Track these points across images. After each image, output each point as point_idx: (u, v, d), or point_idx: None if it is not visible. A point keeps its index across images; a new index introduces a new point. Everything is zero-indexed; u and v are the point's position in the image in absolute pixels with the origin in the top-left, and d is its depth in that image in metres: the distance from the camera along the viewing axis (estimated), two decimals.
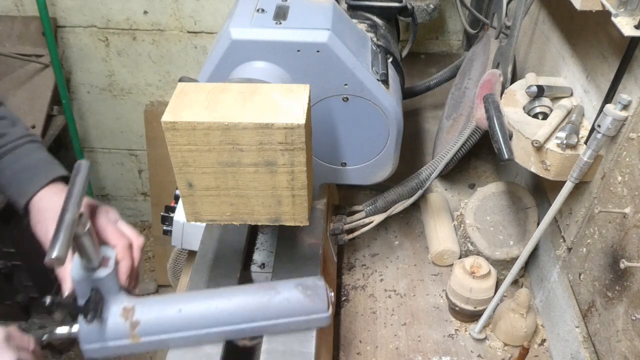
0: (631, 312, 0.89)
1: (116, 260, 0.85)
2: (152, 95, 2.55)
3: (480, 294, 1.19)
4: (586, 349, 1.03)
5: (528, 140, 1.05)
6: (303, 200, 0.87)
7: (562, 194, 1.02)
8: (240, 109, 0.79)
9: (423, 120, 1.82)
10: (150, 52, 2.39)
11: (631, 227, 0.90)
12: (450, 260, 1.38)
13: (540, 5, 1.38)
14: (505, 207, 1.31)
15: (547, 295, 1.22)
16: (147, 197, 2.93)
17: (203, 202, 0.87)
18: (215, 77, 1.00)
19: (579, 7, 0.90)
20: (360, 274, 1.39)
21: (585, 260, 1.04)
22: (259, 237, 1.18)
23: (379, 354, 1.20)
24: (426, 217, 1.48)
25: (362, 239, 1.46)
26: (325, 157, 1.14)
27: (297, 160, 0.81)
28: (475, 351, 1.21)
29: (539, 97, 1.11)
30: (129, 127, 2.67)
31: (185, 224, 1.34)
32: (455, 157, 1.31)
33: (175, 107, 0.80)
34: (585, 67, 1.09)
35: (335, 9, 1.07)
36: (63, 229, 0.73)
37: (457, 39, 2.23)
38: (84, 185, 0.81)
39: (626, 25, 0.82)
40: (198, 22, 2.29)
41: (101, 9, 2.28)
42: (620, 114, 0.89)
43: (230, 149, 0.80)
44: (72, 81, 2.52)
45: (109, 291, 0.84)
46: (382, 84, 1.05)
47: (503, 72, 1.29)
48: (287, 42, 0.97)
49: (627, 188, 0.91)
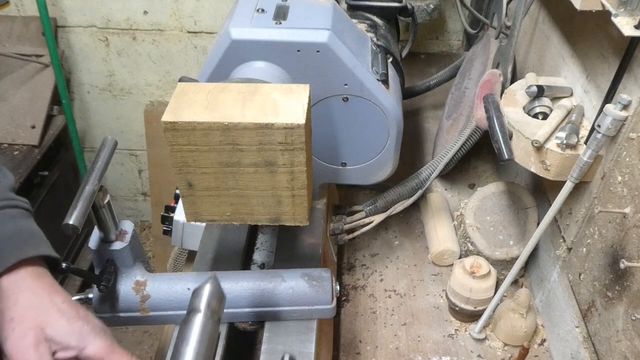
0: (631, 312, 0.89)
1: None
2: (152, 95, 2.55)
3: (480, 294, 1.19)
4: (586, 349, 1.03)
5: (528, 140, 1.05)
6: (303, 200, 0.86)
7: (562, 194, 1.02)
8: (240, 109, 0.79)
9: (423, 120, 1.82)
10: (150, 52, 2.39)
11: (631, 227, 0.89)
12: (450, 260, 1.38)
13: (540, 5, 1.38)
14: (505, 207, 1.31)
15: (547, 295, 1.22)
16: (147, 197, 2.93)
17: (203, 202, 0.87)
18: (215, 77, 1.00)
19: (579, 7, 0.90)
20: (360, 274, 1.39)
21: (585, 260, 1.04)
22: (259, 237, 1.18)
23: (379, 354, 1.20)
24: (426, 217, 1.48)
25: (362, 239, 1.46)
26: (325, 157, 1.14)
27: (297, 160, 0.81)
28: (475, 351, 1.21)
29: (539, 97, 1.11)
30: (129, 127, 2.67)
31: (185, 224, 1.34)
32: (455, 157, 1.31)
33: (175, 107, 0.80)
34: (585, 67, 1.09)
35: (335, 9, 1.07)
36: (82, 199, 0.77)
37: (457, 39, 2.23)
38: (107, 161, 0.84)
39: (626, 25, 0.82)
40: (198, 22, 2.29)
41: (101, 9, 2.28)
42: (620, 114, 0.89)
43: (230, 149, 0.80)
44: (72, 81, 2.52)
45: (123, 264, 0.89)
46: (382, 84, 1.05)
47: (503, 72, 1.29)
48: (287, 42, 0.97)
49: (627, 188, 0.91)
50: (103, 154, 0.85)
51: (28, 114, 2.28)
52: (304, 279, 0.92)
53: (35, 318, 0.71)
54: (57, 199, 2.42)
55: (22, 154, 2.24)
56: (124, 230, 0.89)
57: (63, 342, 0.72)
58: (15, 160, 2.20)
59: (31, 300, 0.72)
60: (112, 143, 0.87)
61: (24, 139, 2.26)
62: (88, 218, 0.78)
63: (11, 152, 2.24)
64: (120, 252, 0.88)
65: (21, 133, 2.26)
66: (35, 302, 0.72)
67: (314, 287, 0.92)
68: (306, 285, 0.92)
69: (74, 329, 0.73)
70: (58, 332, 0.72)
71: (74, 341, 0.72)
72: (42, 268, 0.76)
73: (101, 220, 0.85)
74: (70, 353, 0.72)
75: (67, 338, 0.72)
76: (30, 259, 0.74)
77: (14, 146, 2.25)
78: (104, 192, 0.82)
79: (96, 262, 0.89)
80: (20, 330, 0.70)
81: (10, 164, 2.18)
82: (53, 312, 0.73)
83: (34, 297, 0.73)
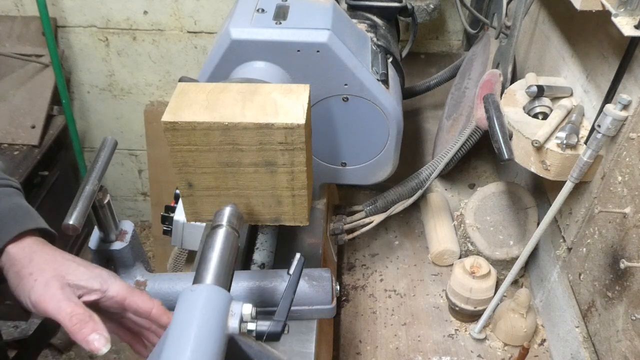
0: (631, 312, 0.89)
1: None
2: (152, 95, 2.55)
3: (480, 294, 1.19)
4: (586, 349, 1.03)
5: (528, 140, 1.05)
6: (303, 200, 0.86)
7: (562, 194, 1.02)
8: (240, 109, 0.79)
9: (423, 120, 1.82)
10: (150, 52, 2.39)
11: (631, 227, 0.89)
12: (450, 260, 1.38)
13: (540, 5, 1.38)
14: (505, 207, 1.31)
15: (547, 295, 1.22)
16: (147, 197, 2.93)
17: (203, 202, 0.87)
18: (215, 77, 1.00)
19: (579, 7, 0.90)
20: (360, 274, 1.39)
21: (585, 260, 1.04)
22: (259, 237, 1.18)
23: (379, 354, 1.20)
24: (426, 217, 1.48)
25: (362, 239, 1.46)
26: (325, 157, 1.14)
27: (297, 160, 0.81)
28: (475, 351, 1.21)
29: (539, 97, 1.11)
30: (129, 127, 2.67)
31: (185, 224, 1.34)
32: (455, 157, 1.31)
33: (175, 107, 0.80)
34: (585, 67, 1.09)
35: (335, 9, 1.07)
36: (82, 199, 0.78)
37: (457, 39, 2.23)
38: (107, 161, 0.84)
39: (626, 25, 0.82)
40: (198, 22, 2.29)
41: (101, 9, 2.28)
42: (620, 114, 0.89)
43: (230, 149, 0.80)
44: (72, 81, 2.52)
45: (123, 264, 0.90)
46: (382, 84, 1.05)
47: (503, 72, 1.29)
48: (287, 42, 0.97)
49: (627, 188, 0.91)
50: (103, 154, 0.86)
51: (28, 114, 2.28)
52: (304, 279, 0.92)
53: (56, 269, 0.73)
54: (57, 199, 2.42)
55: (22, 154, 2.24)
56: (124, 230, 0.90)
57: (87, 286, 0.74)
58: (15, 160, 2.20)
59: (46, 257, 0.74)
60: (112, 143, 0.88)
61: (24, 139, 2.26)
62: (88, 218, 0.79)
63: (11, 152, 2.24)
64: (120, 252, 0.88)
65: (21, 133, 2.26)
66: (50, 257, 0.74)
67: (314, 287, 0.92)
68: (306, 285, 0.92)
69: (95, 274, 0.75)
70: (79, 277, 0.73)
71: (97, 284, 0.74)
72: (43, 239, 0.78)
73: (101, 220, 0.85)
74: (94, 296, 0.74)
75: (90, 282, 0.74)
76: (31, 231, 0.76)
77: (14, 146, 2.25)
78: (104, 192, 0.83)
79: (96, 262, 0.89)
80: (42, 279, 0.71)
81: (10, 164, 2.18)
82: (70, 263, 0.75)
83: (47, 255, 0.75)
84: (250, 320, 0.69)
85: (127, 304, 0.76)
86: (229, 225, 0.75)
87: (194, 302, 0.65)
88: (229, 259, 0.72)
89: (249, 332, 0.69)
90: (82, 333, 0.68)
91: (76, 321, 0.68)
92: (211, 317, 0.64)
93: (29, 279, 0.71)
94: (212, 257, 0.71)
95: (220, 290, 0.68)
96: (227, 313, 0.67)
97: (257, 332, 0.70)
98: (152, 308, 0.77)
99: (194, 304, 0.65)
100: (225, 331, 0.66)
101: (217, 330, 0.64)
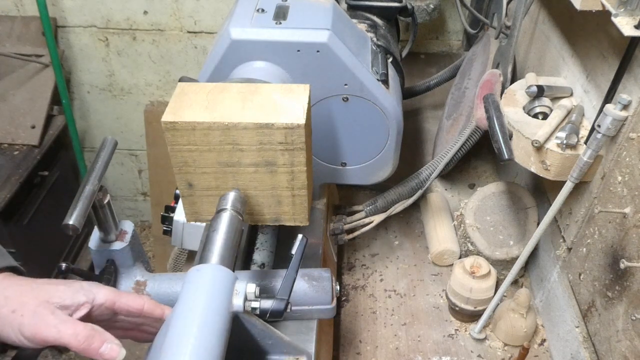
0: (631, 312, 0.89)
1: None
2: (152, 95, 2.55)
3: (480, 294, 1.19)
4: (586, 349, 1.03)
5: (528, 140, 1.04)
6: (303, 200, 0.87)
7: (562, 194, 1.02)
8: (240, 109, 0.79)
9: (423, 120, 1.82)
10: (150, 52, 2.39)
11: (631, 227, 0.89)
12: (450, 260, 1.38)
13: (540, 5, 1.38)
14: (505, 207, 1.31)
15: (547, 295, 1.22)
16: (147, 197, 2.93)
17: (203, 202, 0.87)
18: (215, 77, 1.00)
19: (579, 7, 0.90)
20: (360, 274, 1.39)
21: (585, 260, 1.04)
22: (259, 237, 1.18)
23: (379, 354, 1.20)
24: (426, 217, 1.48)
25: (362, 239, 1.46)
26: (325, 157, 1.14)
27: (297, 160, 0.81)
28: (475, 351, 1.21)
29: (539, 97, 1.11)
30: (129, 127, 2.67)
31: (185, 224, 1.34)
32: (455, 157, 1.31)
33: (175, 107, 0.80)
34: (585, 67, 1.09)
35: (335, 9, 1.07)
36: (82, 199, 0.78)
37: (457, 39, 2.23)
38: (107, 161, 0.84)
39: (626, 25, 0.82)
40: (198, 22, 2.29)
41: (101, 9, 2.28)
42: (620, 114, 0.89)
43: (230, 149, 0.80)
44: (72, 81, 2.52)
45: (123, 264, 0.90)
46: (382, 84, 1.05)
47: (503, 72, 1.29)
48: (287, 42, 0.97)
49: (627, 188, 0.91)
50: (103, 154, 0.86)
51: (28, 114, 2.28)
52: (304, 279, 0.92)
53: (36, 297, 0.71)
54: (57, 199, 2.42)
55: (22, 154, 2.24)
56: (124, 230, 0.90)
57: (74, 302, 0.72)
58: (15, 160, 2.20)
59: (21, 289, 0.72)
60: (112, 143, 0.88)
61: (24, 139, 2.26)
62: (88, 218, 0.79)
63: (11, 152, 2.24)
64: (120, 252, 0.88)
65: (21, 133, 2.26)
66: (25, 288, 0.72)
67: (314, 287, 0.92)
68: (306, 285, 0.92)
69: (75, 288, 0.74)
70: (63, 297, 0.72)
71: (82, 297, 0.73)
72: (11, 272, 0.75)
73: (101, 220, 0.85)
74: (84, 309, 0.73)
75: (75, 297, 0.73)
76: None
77: (14, 146, 2.25)
78: (104, 192, 0.83)
79: (96, 262, 0.89)
80: (28, 312, 0.69)
81: (10, 164, 2.18)
82: (47, 286, 0.73)
83: (21, 287, 0.72)
84: (254, 299, 0.71)
85: (117, 307, 0.76)
86: (233, 209, 0.79)
87: (199, 281, 0.67)
88: (233, 240, 0.75)
89: (252, 310, 0.71)
90: (93, 348, 0.67)
91: (82, 339, 0.67)
92: (216, 296, 0.67)
93: (14, 317, 0.69)
94: (217, 238, 0.74)
95: (225, 269, 0.70)
96: (232, 292, 0.69)
97: (260, 309, 0.72)
98: (143, 305, 0.78)
99: (200, 282, 0.67)
100: (230, 309, 0.68)
101: (222, 308, 0.66)
